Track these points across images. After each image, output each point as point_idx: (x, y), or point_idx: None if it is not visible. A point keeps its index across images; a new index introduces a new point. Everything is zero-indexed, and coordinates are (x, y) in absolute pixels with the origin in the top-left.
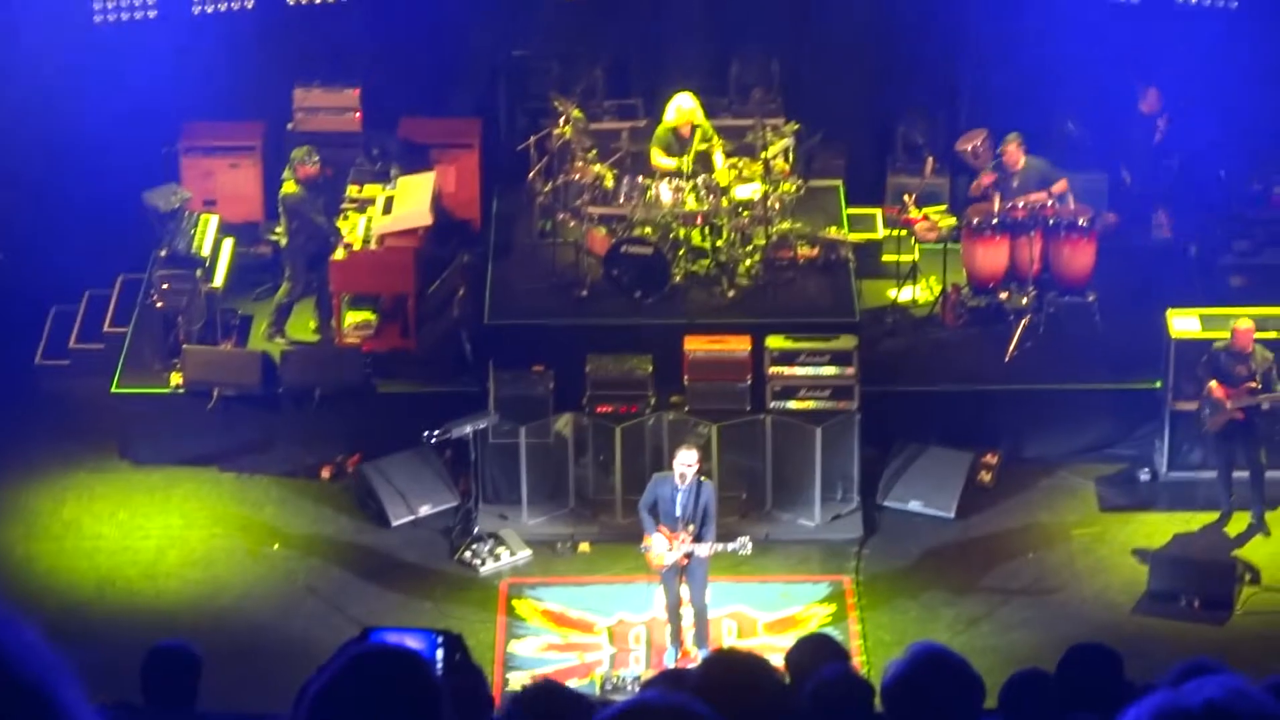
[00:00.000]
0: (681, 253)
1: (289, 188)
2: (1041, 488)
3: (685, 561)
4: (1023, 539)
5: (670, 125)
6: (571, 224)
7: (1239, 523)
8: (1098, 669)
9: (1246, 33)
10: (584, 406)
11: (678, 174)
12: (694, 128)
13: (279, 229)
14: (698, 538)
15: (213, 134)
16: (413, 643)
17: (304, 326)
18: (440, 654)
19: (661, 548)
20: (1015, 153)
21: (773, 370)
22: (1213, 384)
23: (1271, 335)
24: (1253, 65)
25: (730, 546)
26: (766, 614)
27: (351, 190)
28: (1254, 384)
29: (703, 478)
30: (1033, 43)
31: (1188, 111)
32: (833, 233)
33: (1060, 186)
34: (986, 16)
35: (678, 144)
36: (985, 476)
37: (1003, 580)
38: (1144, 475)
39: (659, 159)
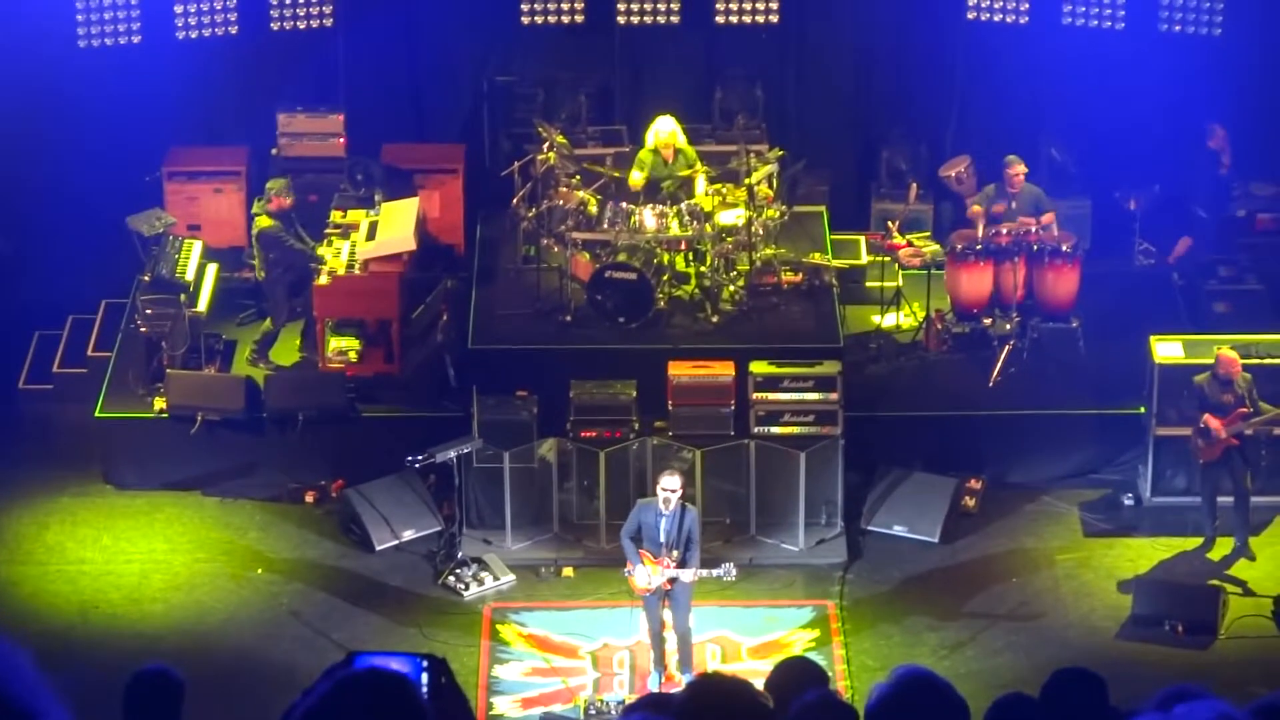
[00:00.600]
0: (665, 278)
1: (263, 221)
2: (1025, 513)
3: (669, 586)
4: (1007, 564)
5: (650, 149)
6: (555, 249)
7: (1223, 548)
8: (1082, 694)
9: (1230, 60)
10: (568, 431)
11: (653, 185)
12: (676, 151)
13: (256, 264)
14: (681, 563)
15: (197, 159)
16: (397, 667)
17: (288, 350)
18: (425, 678)
19: (645, 573)
20: (1018, 174)
21: (756, 396)
22: (1206, 416)
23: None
24: (1236, 92)
25: (715, 573)
26: (750, 639)
27: (335, 216)
28: (1245, 409)
29: (686, 503)
30: (1016, 69)
31: (1173, 137)
32: (816, 258)
33: (1048, 218)
34: (970, 44)
35: (661, 166)
36: (969, 502)
37: (987, 605)
38: (1128, 500)
39: (634, 175)
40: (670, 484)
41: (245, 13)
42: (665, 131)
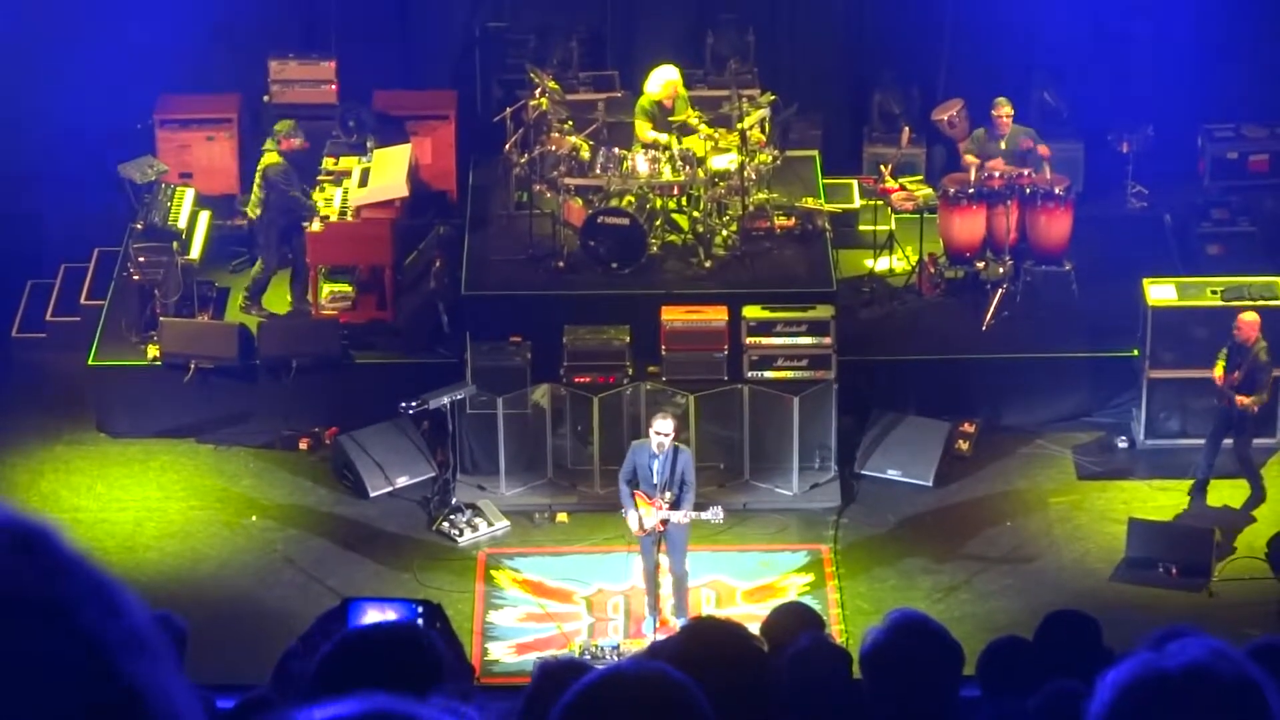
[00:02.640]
0: (658, 224)
1: (272, 158)
2: (1019, 456)
3: (663, 528)
4: (1001, 507)
5: (655, 97)
6: (548, 195)
7: (1217, 491)
8: (1076, 636)
9: (1222, 1)
10: (561, 377)
11: (665, 148)
12: (676, 98)
13: (252, 200)
14: (675, 504)
15: (188, 106)
16: (393, 613)
17: (280, 299)
18: (420, 624)
19: (639, 514)
20: (1003, 116)
21: (750, 340)
22: (1218, 365)
23: (1248, 304)
24: (1230, 32)
25: (703, 515)
26: (745, 583)
27: (327, 163)
28: (1235, 376)
29: (680, 445)
30: (1008, 11)
31: (1165, 78)
32: (809, 203)
33: (1044, 150)
34: None
35: (661, 115)
36: (963, 445)
37: (981, 548)
38: (1121, 443)
39: (647, 133)
40: (663, 427)
41: None
42: (671, 79)
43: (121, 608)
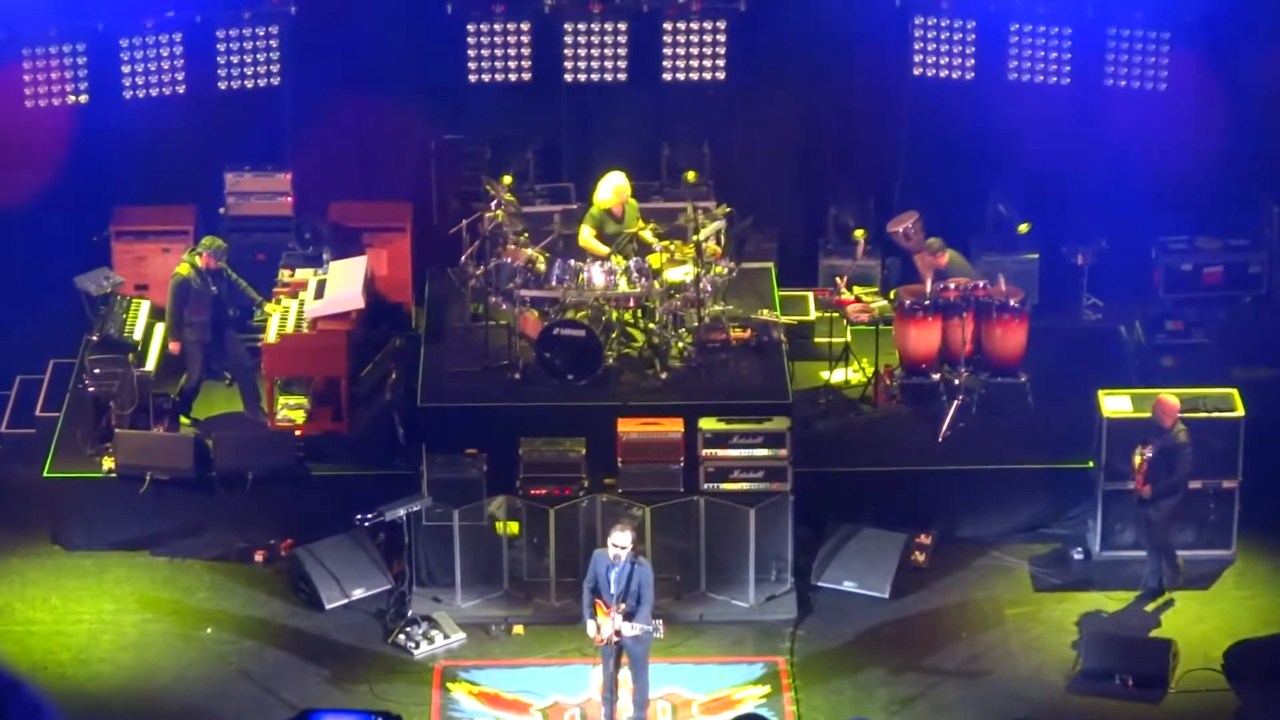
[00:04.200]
0: (614, 335)
1: (183, 270)
2: (975, 568)
3: (617, 638)
4: (957, 619)
5: (605, 205)
6: (504, 307)
7: (1171, 601)
8: None
9: (1175, 114)
10: (517, 489)
11: (608, 239)
12: (626, 206)
13: (167, 326)
14: (628, 617)
15: (144, 218)
16: None
17: (210, 405)
18: None
19: (594, 624)
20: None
21: (706, 452)
22: (1137, 455)
23: (1202, 415)
24: (1180, 145)
25: (646, 628)
26: (701, 695)
27: (283, 274)
28: (1146, 452)
29: (639, 558)
30: (963, 125)
31: (1120, 191)
32: (765, 315)
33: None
34: (917, 100)
35: (612, 224)
36: (919, 557)
37: (937, 660)
38: (1077, 555)
39: (590, 239)
40: (620, 540)
41: (193, 72)
42: (620, 185)
43: (42, 711)
